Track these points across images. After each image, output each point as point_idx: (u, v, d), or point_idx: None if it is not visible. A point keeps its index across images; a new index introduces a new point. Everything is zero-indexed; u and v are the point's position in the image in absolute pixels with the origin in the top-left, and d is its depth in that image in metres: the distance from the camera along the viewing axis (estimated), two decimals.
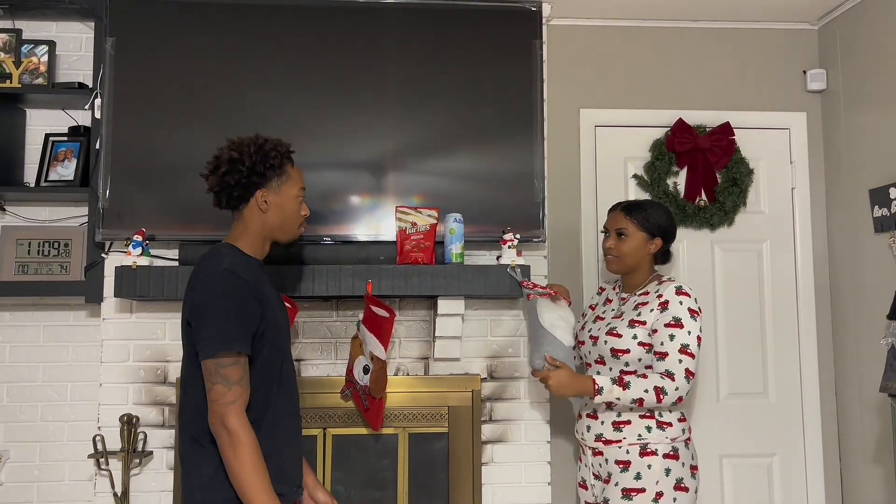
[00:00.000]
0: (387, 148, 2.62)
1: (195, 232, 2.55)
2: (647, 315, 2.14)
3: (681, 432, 2.13)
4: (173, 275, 2.42)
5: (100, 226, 2.53)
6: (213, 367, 1.65)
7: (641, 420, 2.13)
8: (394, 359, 2.68)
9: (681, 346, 2.09)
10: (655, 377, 2.08)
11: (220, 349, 1.66)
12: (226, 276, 1.71)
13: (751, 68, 3.04)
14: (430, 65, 2.66)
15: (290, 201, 1.90)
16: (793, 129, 3.02)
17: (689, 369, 2.08)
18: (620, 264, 2.26)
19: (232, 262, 1.75)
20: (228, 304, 1.68)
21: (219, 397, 1.65)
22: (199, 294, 1.71)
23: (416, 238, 2.51)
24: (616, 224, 2.26)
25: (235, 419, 1.64)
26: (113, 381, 2.60)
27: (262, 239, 1.89)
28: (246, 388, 1.68)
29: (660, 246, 2.25)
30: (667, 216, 2.26)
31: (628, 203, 2.29)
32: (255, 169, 1.85)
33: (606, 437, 2.16)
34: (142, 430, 2.57)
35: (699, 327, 2.12)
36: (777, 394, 2.95)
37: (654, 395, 2.07)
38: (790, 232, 3.00)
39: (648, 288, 2.22)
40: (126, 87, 2.58)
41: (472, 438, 2.62)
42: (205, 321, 1.68)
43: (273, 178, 1.88)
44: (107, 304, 2.63)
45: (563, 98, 2.95)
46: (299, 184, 1.92)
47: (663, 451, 2.10)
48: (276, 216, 1.88)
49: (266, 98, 2.61)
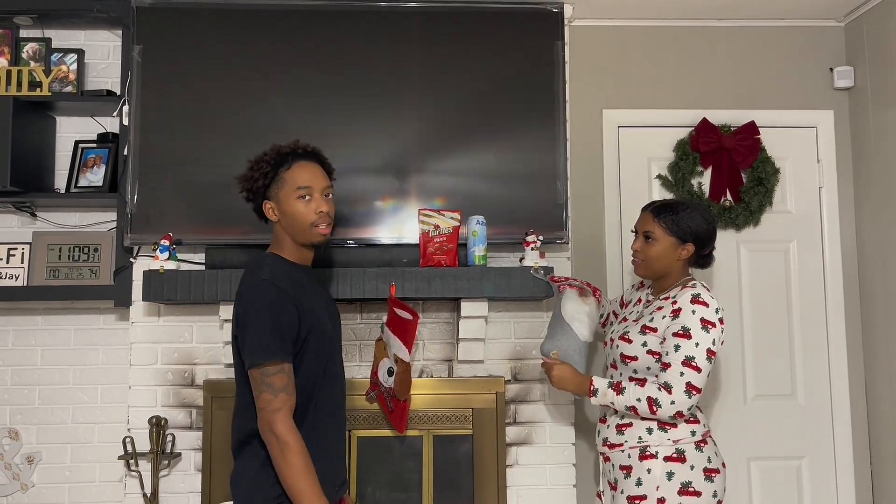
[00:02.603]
0: (409, 151, 2.67)
1: (221, 236, 2.62)
2: (659, 322, 2.10)
3: (688, 434, 2.08)
4: (200, 278, 2.49)
5: (128, 231, 2.61)
6: (258, 375, 1.75)
7: (642, 422, 2.10)
8: (418, 361, 2.73)
9: (685, 359, 2.02)
10: (653, 387, 2.03)
11: (262, 359, 1.75)
12: (264, 287, 1.80)
13: (776, 66, 3.05)
14: (451, 67, 2.71)
15: (290, 205, 1.92)
16: (820, 127, 3.05)
17: (693, 384, 2.01)
18: (647, 269, 2.20)
19: (271, 271, 1.84)
20: (266, 315, 1.77)
21: (266, 405, 1.74)
22: (241, 305, 1.81)
23: (439, 240, 2.55)
24: (644, 226, 2.19)
25: (283, 425, 1.73)
26: (141, 383, 2.68)
27: (293, 245, 1.95)
28: (292, 394, 1.77)
29: (692, 252, 2.16)
30: (703, 221, 2.15)
31: (660, 204, 2.20)
32: (251, 188, 1.96)
33: (611, 441, 2.16)
34: (170, 432, 2.65)
35: (713, 339, 2.03)
36: (806, 395, 2.96)
37: (646, 405, 2.03)
38: (818, 231, 3.02)
39: (671, 293, 2.15)
40: (153, 94, 2.66)
41: (497, 440, 2.65)
42: (247, 332, 1.78)
43: (270, 189, 1.95)
44: (135, 308, 2.70)
45: (586, 99, 2.99)
46: (297, 184, 1.92)
47: (664, 453, 2.06)
48: (286, 222, 1.95)
49: (290, 103, 2.66)
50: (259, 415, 1.76)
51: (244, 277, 1.87)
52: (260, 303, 1.78)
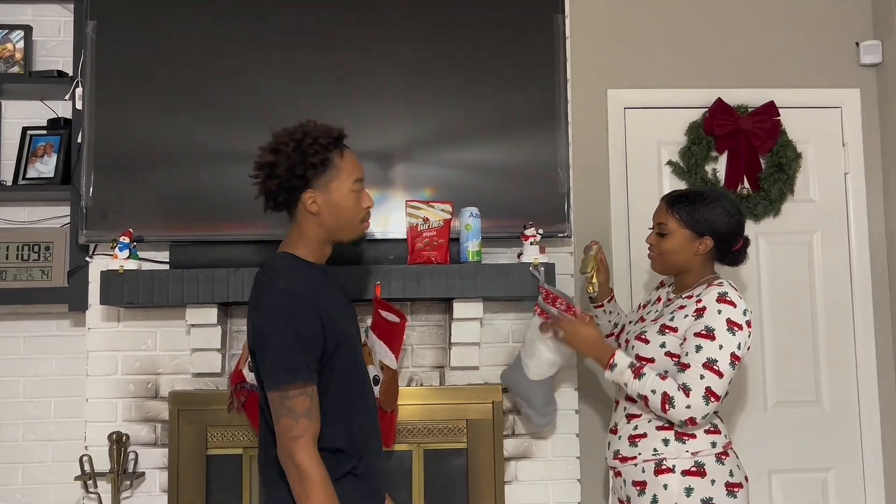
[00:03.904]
0: (395, 136, 2.63)
1: (188, 232, 2.57)
2: (681, 321, 2.08)
3: (708, 445, 2.05)
4: (164, 279, 2.44)
5: (83, 227, 2.55)
6: (277, 399, 1.71)
7: (658, 432, 2.08)
8: (406, 368, 2.69)
9: (706, 361, 1.99)
10: (673, 384, 2.00)
11: (283, 381, 1.70)
12: (283, 298, 1.74)
13: (797, 41, 3.03)
14: (441, 45, 2.67)
15: (343, 197, 1.87)
16: (845, 107, 3.02)
17: (712, 389, 1.97)
18: (661, 264, 2.20)
19: (288, 278, 1.78)
20: (288, 331, 1.72)
21: (285, 430, 1.70)
22: (258, 319, 1.75)
23: (429, 235, 2.53)
24: (658, 217, 2.20)
25: (304, 454, 1.69)
26: (100, 396, 2.62)
27: (320, 243, 1.89)
28: (315, 420, 1.72)
29: (710, 247, 2.14)
30: (724, 213, 2.13)
31: (676, 194, 2.20)
32: (294, 171, 1.83)
33: (623, 454, 2.13)
34: (132, 450, 2.59)
35: (739, 343, 2.01)
36: (831, 402, 2.95)
37: (660, 400, 2.00)
38: (843, 221, 3.00)
39: (695, 291, 2.13)
40: (110, 75, 2.59)
41: (494, 454, 2.63)
42: (266, 351, 1.73)
43: (318, 177, 1.85)
44: (92, 312, 2.64)
45: (589, 78, 2.96)
46: (353, 174, 1.88)
47: (682, 467, 2.03)
48: (330, 216, 1.87)
49: (263, 83, 2.62)
50: (277, 441, 1.72)
51: (259, 286, 1.81)
52: (281, 316, 1.73)
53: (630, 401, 2.13)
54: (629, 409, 2.15)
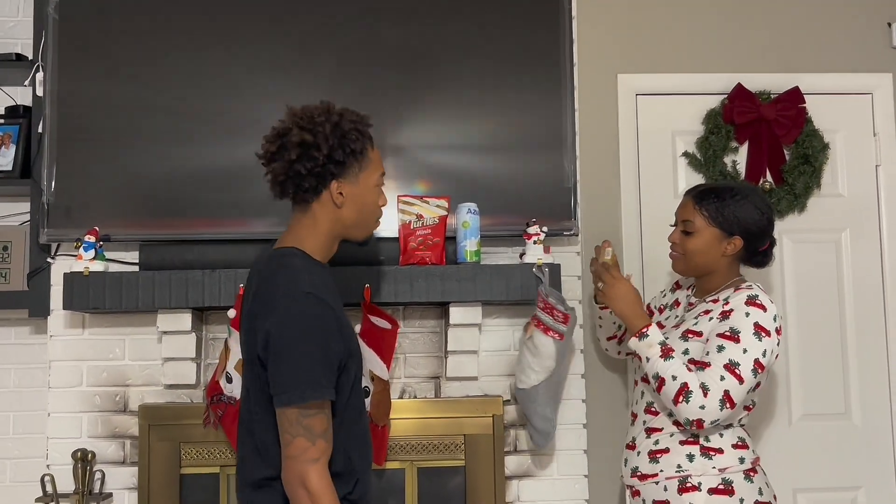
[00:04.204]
0: (385, 124, 2.57)
1: (159, 230, 2.55)
2: (705, 325, 2.08)
3: (737, 461, 2.04)
4: (133, 282, 2.41)
5: (44, 225, 2.53)
6: (294, 417, 1.65)
7: (682, 447, 2.07)
8: (398, 379, 2.67)
9: (728, 362, 1.98)
10: (696, 380, 1.98)
11: (305, 397, 1.64)
12: (309, 304, 1.68)
13: (824, 21, 2.99)
14: (434, 23, 2.65)
15: (369, 192, 1.84)
16: (876, 93, 2.98)
17: (731, 395, 1.96)
18: (685, 265, 2.19)
19: (310, 280, 1.72)
20: (314, 342, 1.67)
21: (300, 452, 1.63)
22: (273, 326, 1.68)
23: (423, 233, 2.51)
24: (683, 214, 2.18)
25: (319, 480, 1.63)
26: (63, 409, 2.59)
27: (332, 238, 1.85)
28: (330, 442, 1.69)
29: (739, 247, 2.14)
30: (755, 210, 2.12)
31: (704, 189, 2.18)
32: (332, 156, 1.76)
33: (642, 472, 2.12)
34: (99, 469, 2.55)
35: (765, 350, 2.00)
36: (862, 415, 2.90)
37: (676, 389, 1.99)
38: (874, 218, 2.97)
39: (721, 294, 2.13)
40: (74, 59, 2.56)
41: (494, 473, 2.60)
42: (286, 361, 1.67)
43: (353, 166, 1.80)
44: (54, 319, 2.61)
45: (598, 61, 2.92)
46: (380, 169, 1.87)
47: (709, 484, 2.02)
48: (352, 211, 1.82)
49: (239, 62, 2.60)
50: (286, 464, 1.65)
51: (271, 285, 1.74)
52: (307, 325, 1.67)
53: (650, 413, 2.14)
54: (649, 422, 2.14)
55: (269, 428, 1.71)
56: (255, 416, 1.75)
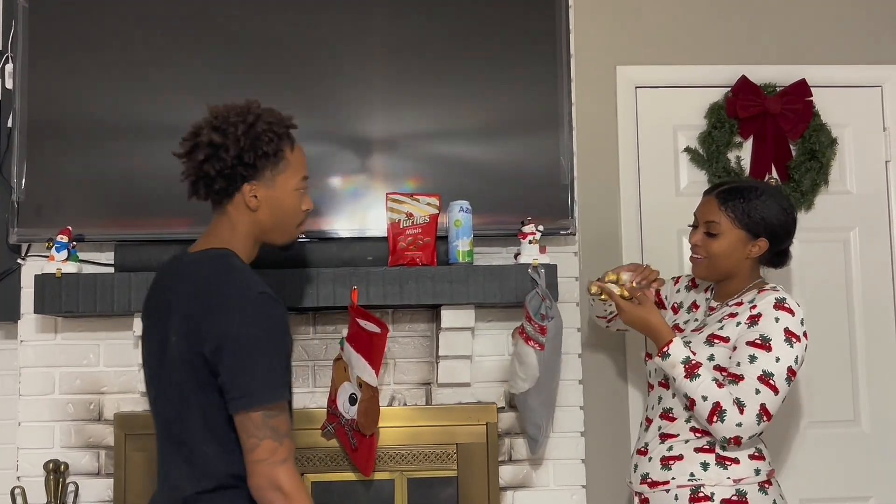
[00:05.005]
0: (374, 119, 2.61)
1: (135, 230, 2.53)
2: (732, 330, 2.06)
3: (752, 472, 2.02)
4: (108, 284, 2.39)
5: (14, 224, 2.52)
6: (259, 419, 1.64)
7: (697, 455, 2.05)
8: (387, 385, 2.66)
9: (762, 374, 1.97)
10: (729, 397, 1.97)
11: (272, 398, 1.65)
12: (266, 304, 1.69)
13: (832, 11, 2.98)
14: (426, 15, 2.64)
15: (287, 195, 1.83)
16: (886, 86, 2.97)
17: (767, 407, 1.96)
18: (710, 269, 2.15)
19: (259, 280, 1.73)
20: (277, 342, 1.68)
21: (268, 455, 1.63)
22: (233, 326, 1.66)
23: (413, 232, 2.50)
24: (706, 215, 2.14)
25: (291, 480, 1.63)
26: (35, 418, 2.57)
27: (251, 241, 1.85)
28: (294, 441, 1.70)
29: (764, 249, 2.12)
30: (780, 210, 2.11)
31: (728, 188, 2.14)
32: (242, 158, 1.76)
33: (653, 479, 2.10)
34: (72, 481, 2.53)
35: (797, 356, 1.99)
36: (872, 422, 2.89)
37: (709, 410, 1.97)
38: (885, 216, 2.96)
39: (744, 297, 2.11)
40: (45, 49, 2.55)
41: (488, 483, 2.60)
42: (248, 363, 1.65)
43: (266, 169, 1.80)
44: (25, 323, 2.59)
45: (596, 52, 2.90)
46: (301, 172, 1.85)
47: (722, 495, 2.00)
48: (268, 215, 1.82)
49: (224, 56, 2.59)
50: (254, 469, 1.63)
51: (219, 283, 1.72)
52: (266, 325, 1.67)
53: (666, 419, 2.12)
54: (664, 427, 2.12)
55: (209, 438, 1.69)
56: (189, 424, 1.72)
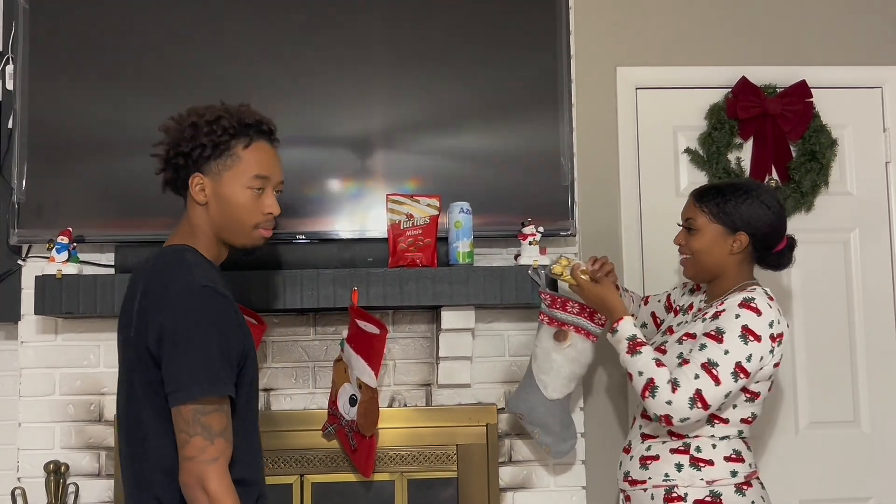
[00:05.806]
0: (374, 120, 2.62)
1: (135, 231, 2.54)
2: (699, 326, 2.10)
3: (727, 474, 2.04)
4: (108, 284, 2.39)
5: (15, 225, 2.52)
6: (191, 414, 1.61)
7: (672, 456, 2.08)
8: (387, 386, 2.67)
9: (706, 361, 1.98)
10: (665, 376, 2.00)
11: (202, 392, 1.61)
12: (206, 296, 1.67)
13: (832, 12, 2.98)
14: (426, 17, 2.65)
15: (236, 192, 1.80)
16: (886, 87, 2.98)
17: (703, 394, 1.95)
18: (694, 267, 2.18)
19: (206, 273, 1.73)
20: (212, 335, 1.65)
21: (197, 453, 1.60)
22: (171, 317, 1.65)
23: (413, 233, 2.51)
24: (685, 213, 2.20)
25: (219, 482, 1.60)
26: (35, 419, 2.58)
27: (213, 239, 1.84)
28: (230, 441, 1.66)
29: (745, 244, 2.13)
30: (761, 206, 2.12)
31: (705, 187, 2.21)
32: (178, 147, 1.80)
33: (633, 477, 2.15)
34: (72, 482, 2.54)
35: (749, 354, 1.98)
36: (872, 422, 2.89)
37: (644, 384, 2.01)
38: (885, 217, 2.96)
39: (728, 299, 2.11)
40: (46, 50, 2.55)
41: (488, 484, 2.60)
42: (181, 355, 1.64)
43: (208, 161, 1.80)
44: (25, 324, 2.60)
45: (596, 54, 2.91)
46: (253, 170, 1.81)
47: (695, 496, 2.03)
48: (217, 210, 1.81)
49: (225, 60, 2.60)
50: (184, 466, 1.61)
51: (163, 277, 1.72)
52: (203, 316, 1.66)
53: (646, 418, 2.15)
54: (644, 427, 2.16)
55: (168, 431, 1.66)
56: (143, 418, 1.71)
